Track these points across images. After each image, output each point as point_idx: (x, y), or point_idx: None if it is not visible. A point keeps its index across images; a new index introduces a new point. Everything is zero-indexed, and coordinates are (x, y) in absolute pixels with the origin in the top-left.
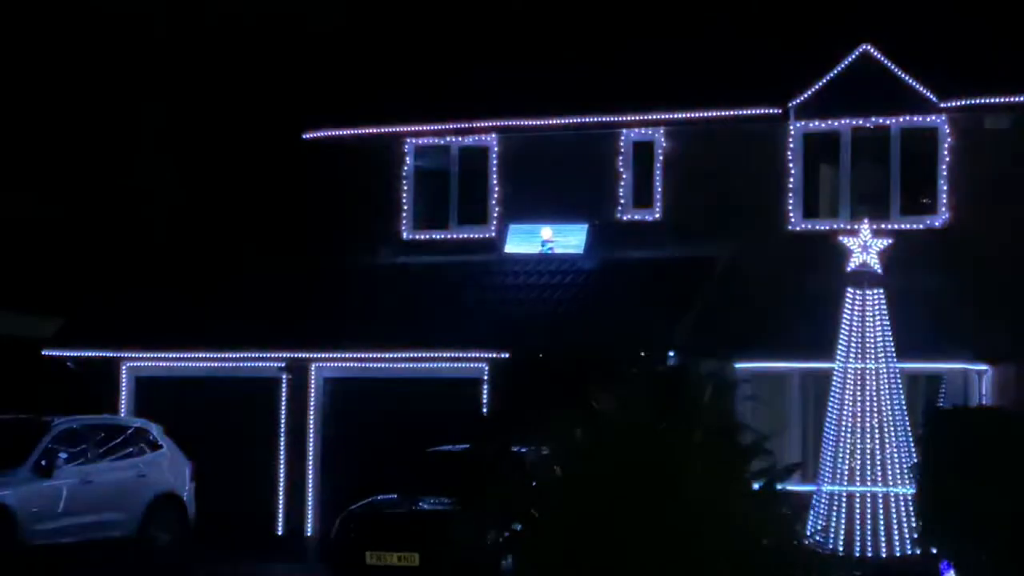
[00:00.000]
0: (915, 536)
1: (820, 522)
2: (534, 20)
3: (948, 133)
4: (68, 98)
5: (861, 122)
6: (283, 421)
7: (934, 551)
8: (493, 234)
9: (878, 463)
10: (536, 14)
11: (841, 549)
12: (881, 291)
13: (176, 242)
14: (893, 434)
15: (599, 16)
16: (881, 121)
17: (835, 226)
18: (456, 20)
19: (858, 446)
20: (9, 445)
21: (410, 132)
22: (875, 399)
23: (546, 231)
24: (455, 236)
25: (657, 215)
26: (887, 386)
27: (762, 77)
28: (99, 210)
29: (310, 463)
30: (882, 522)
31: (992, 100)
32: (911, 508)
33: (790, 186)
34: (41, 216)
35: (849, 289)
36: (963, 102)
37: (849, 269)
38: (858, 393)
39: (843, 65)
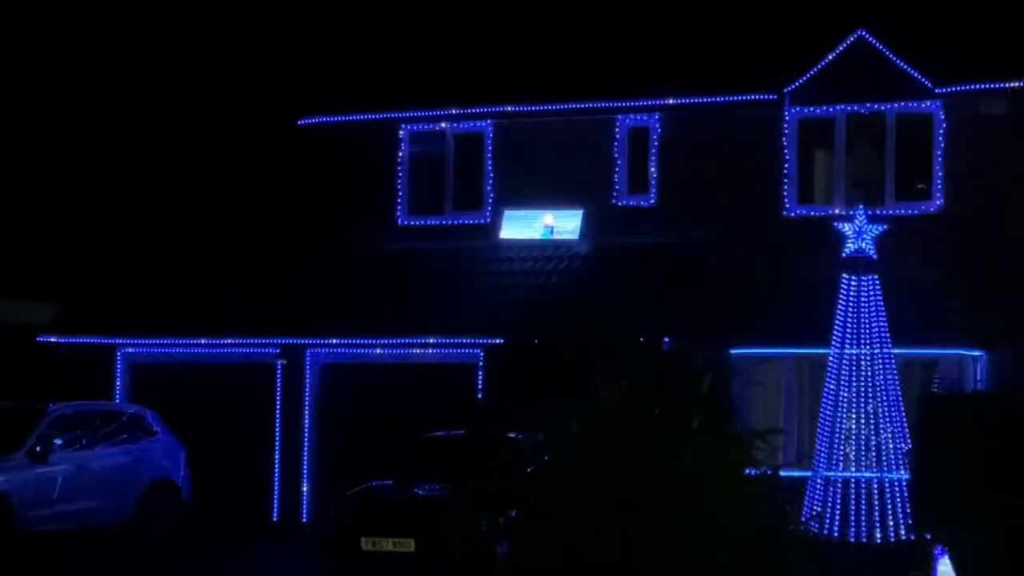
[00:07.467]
0: (910, 522)
1: (815, 508)
2: (529, 5)
3: (943, 119)
4: (64, 85)
5: (856, 108)
6: (278, 407)
7: (929, 536)
8: (488, 220)
9: (873, 449)
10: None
11: (836, 535)
12: (876, 277)
13: (171, 229)
14: (888, 420)
15: (594, 1)
16: (876, 107)
17: (830, 212)
18: (451, 5)
19: (853, 432)
20: (4, 431)
21: (405, 118)
22: (870, 385)
23: (548, 217)
24: (450, 222)
25: (652, 201)
26: (882, 372)
27: (757, 63)
28: (95, 197)
29: (305, 449)
30: (877, 508)
31: (987, 85)
32: (906, 494)
33: (785, 172)
34: (37, 203)
35: (844, 275)
36: (958, 88)
37: (844, 255)
38: (853, 379)
39: (838, 51)
